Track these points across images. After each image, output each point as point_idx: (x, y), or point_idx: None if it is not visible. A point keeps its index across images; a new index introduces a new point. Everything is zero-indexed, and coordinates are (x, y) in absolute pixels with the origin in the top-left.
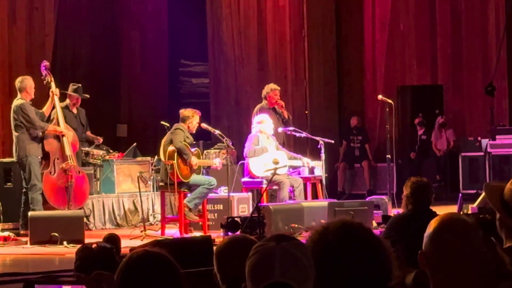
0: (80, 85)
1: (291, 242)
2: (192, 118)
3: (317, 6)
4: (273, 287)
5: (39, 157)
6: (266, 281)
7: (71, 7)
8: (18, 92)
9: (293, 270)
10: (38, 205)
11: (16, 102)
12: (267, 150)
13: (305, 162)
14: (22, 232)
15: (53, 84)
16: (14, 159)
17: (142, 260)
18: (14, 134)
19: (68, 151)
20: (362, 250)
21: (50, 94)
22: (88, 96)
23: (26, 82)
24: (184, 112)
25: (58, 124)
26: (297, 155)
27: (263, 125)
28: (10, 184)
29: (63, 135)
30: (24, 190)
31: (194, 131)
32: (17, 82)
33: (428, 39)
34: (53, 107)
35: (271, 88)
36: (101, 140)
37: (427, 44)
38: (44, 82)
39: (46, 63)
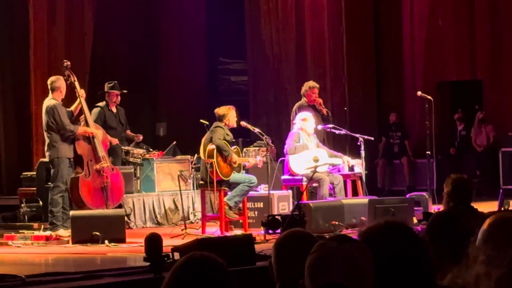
0: (116, 81)
1: (353, 244)
2: (228, 114)
3: (355, 2)
4: (330, 287)
5: (71, 159)
6: (324, 280)
7: (109, 7)
8: (50, 92)
9: (352, 272)
10: (56, 207)
11: (48, 102)
12: (308, 147)
13: (345, 161)
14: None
15: (77, 84)
16: (46, 159)
17: (198, 264)
18: (46, 134)
19: (101, 151)
20: (406, 251)
21: (77, 95)
22: (125, 91)
23: (59, 82)
24: (219, 111)
25: (87, 125)
26: (338, 153)
27: (305, 123)
28: (51, 183)
29: (93, 136)
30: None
31: (235, 125)
32: (50, 81)
33: (467, 34)
34: (81, 109)
35: (309, 86)
36: (141, 137)
37: (466, 39)
38: (68, 82)
39: (67, 62)
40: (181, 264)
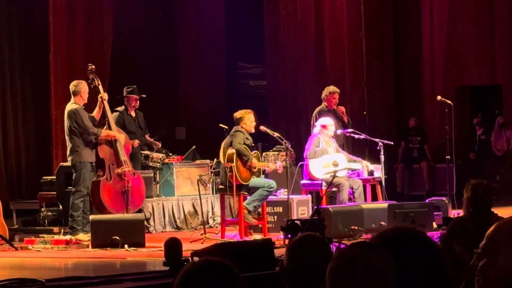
0: (135, 86)
1: (376, 252)
2: (245, 118)
3: (375, 6)
4: None
5: (93, 163)
6: (345, 287)
7: (129, 11)
8: (72, 96)
9: (374, 280)
10: (77, 211)
11: (70, 106)
12: (328, 152)
13: (364, 165)
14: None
15: (101, 88)
16: (68, 163)
17: (203, 269)
18: (68, 139)
19: (122, 155)
20: (420, 257)
21: (99, 99)
22: (144, 95)
23: (80, 86)
24: (236, 114)
25: (110, 128)
26: (357, 158)
27: (325, 130)
28: (71, 188)
29: (115, 140)
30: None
31: (253, 130)
32: (72, 86)
33: (487, 38)
34: (103, 112)
35: (330, 91)
36: (159, 145)
37: (486, 44)
38: (92, 86)
39: (91, 66)
40: (188, 270)
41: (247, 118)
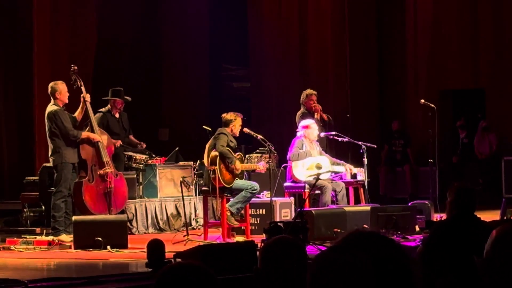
0: (121, 89)
1: (353, 255)
2: (234, 121)
3: (359, 9)
4: None
5: (75, 163)
6: None
7: (113, 12)
8: (51, 98)
9: (356, 284)
10: (58, 212)
11: (50, 108)
12: (311, 154)
13: (347, 168)
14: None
15: (83, 89)
16: (50, 164)
17: (178, 273)
18: (50, 140)
19: (105, 156)
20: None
21: (81, 99)
22: (129, 99)
23: (57, 87)
24: (226, 116)
25: (92, 129)
26: (340, 161)
27: (308, 130)
28: (54, 188)
29: (98, 141)
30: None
31: (237, 134)
32: (49, 87)
33: (470, 42)
34: (86, 113)
35: (306, 94)
36: (144, 145)
37: (469, 48)
38: (74, 86)
39: (74, 67)
40: (164, 273)
41: (237, 122)
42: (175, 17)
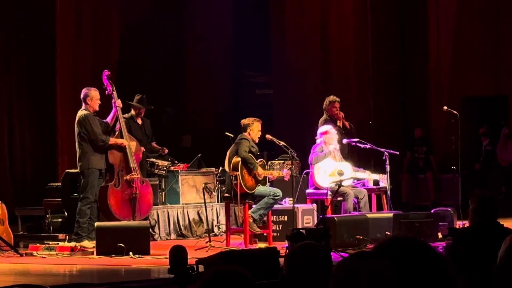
0: (144, 96)
1: (376, 261)
2: (252, 125)
3: (382, 16)
4: None
5: (103, 169)
6: None
7: (136, 20)
8: (83, 103)
9: None
10: (83, 218)
11: (80, 113)
12: (331, 154)
13: (370, 175)
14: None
15: (115, 94)
16: (76, 170)
17: (226, 277)
18: (78, 145)
19: (132, 162)
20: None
21: (113, 105)
22: (152, 107)
23: (90, 93)
24: (244, 121)
25: (121, 136)
26: (360, 169)
27: (327, 136)
28: (76, 194)
29: (125, 146)
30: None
31: (256, 140)
32: (82, 92)
33: (493, 49)
34: (117, 118)
35: (330, 101)
36: (166, 151)
37: (492, 55)
38: (106, 92)
39: (107, 72)
40: (209, 279)
41: (255, 126)
42: (198, 24)
